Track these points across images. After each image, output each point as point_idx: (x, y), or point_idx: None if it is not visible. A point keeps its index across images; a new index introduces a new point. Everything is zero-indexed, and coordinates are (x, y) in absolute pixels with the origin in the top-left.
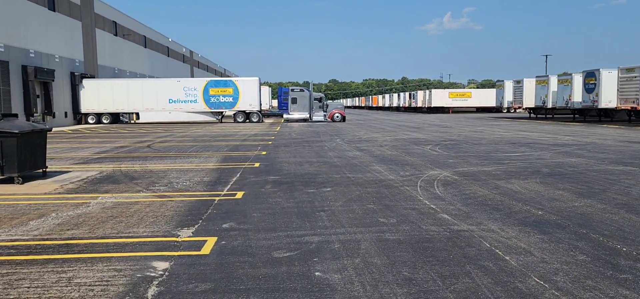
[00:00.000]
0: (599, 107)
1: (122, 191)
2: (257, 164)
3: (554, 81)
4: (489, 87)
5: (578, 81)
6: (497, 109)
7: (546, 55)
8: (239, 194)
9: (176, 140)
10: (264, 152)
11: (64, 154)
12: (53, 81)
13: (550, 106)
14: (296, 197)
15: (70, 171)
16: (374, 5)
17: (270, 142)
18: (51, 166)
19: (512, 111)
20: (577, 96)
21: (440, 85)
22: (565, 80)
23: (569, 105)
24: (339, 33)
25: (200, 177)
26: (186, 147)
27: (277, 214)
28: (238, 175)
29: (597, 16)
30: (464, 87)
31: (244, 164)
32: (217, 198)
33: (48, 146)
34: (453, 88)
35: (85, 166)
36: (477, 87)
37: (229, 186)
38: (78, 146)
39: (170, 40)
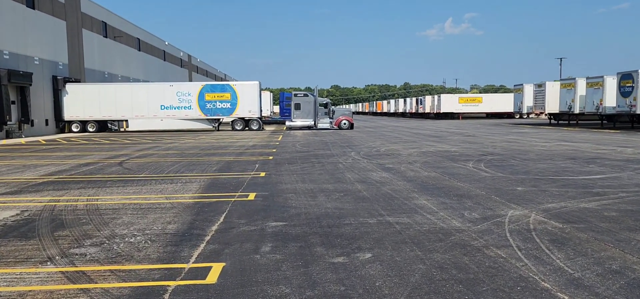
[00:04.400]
0: (638, 112)
1: (19, 260)
2: (251, 196)
3: (581, 84)
4: (492, 92)
5: (611, 83)
6: (508, 115)
7: (560, 59)
8: (215, 270)
9: (159, 154)
10: (262, 174)
11: (5, 175)
12: (30, 85)
13: (577, 111)
14: (316, 281)
15: None
16: (374, 11)
17: (270, 158)
18: None
19: (525, 116)
20: (610, 100)
21: (442, 90)
22: (595, 83)
23: (600, 110)
24: (340, 39)
25: (164, 224)
26: (166, 165)
27: None
28: (222, 218)
29: (600, 21)
30: (466, 93)
31: (234, 196)
32: (173, 285)
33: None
34: (456, 93)
35: (12, 198)
36: (480, 92)
37: (202, 246)
38: (33, 164)
39: (166, 43)
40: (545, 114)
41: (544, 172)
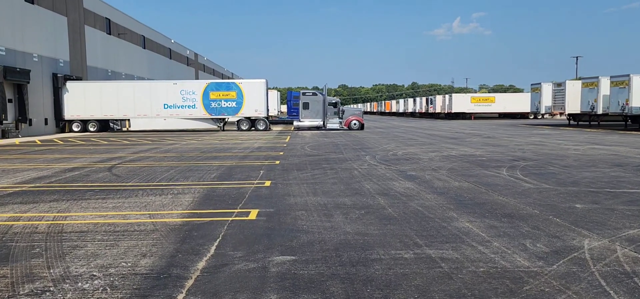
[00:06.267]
0: None
1: None
2: (253, 215)
3: (605, 83)
4: (501, 92)
5: (638, 82)
6: (522, 115)
7: (576, 57)
8: None
9: (155, 157)
10: (267, 183)
11: None
12: (28, 82)
13: (600, 111)
14: None
15: None
16: (382, 10)
17: (277, 162)
18: None
19: (540, 117)
20: (637, 100)
21: (451, 90)
22: (620, 82)
23: (626, 111)
24: (347, 38)
25: (137, 256)
26: (160, 171)
27: None
28: (213, 248)
29: (609, 20)
30: (475, 92)
31: (232, 214)
32: None
33: None
34: (465, 93)
35: None
36: (489, 92)
37: (180, 298)
38: (15, 168)
39: (172, 41)
40: (566, 115)
41: (595, 183)
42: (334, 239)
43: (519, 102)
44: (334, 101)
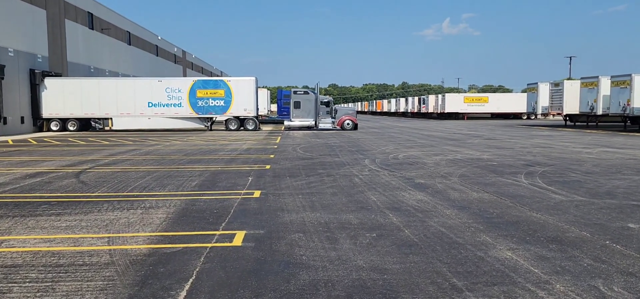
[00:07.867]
0: None
1: None
2: (238, 239)
3: (605, 83)
4: (490, 92)
5: None
6: (515, 116)
7: (570, 57)
8: None
9: (133, 160)
10: (256, 193)
11: None
12: (2, 78)
13: (600, 112)
14: None
15: None
16: (372, 10)
17: (267, 166)
18: None
19: (533, 117)
20: (639, 100)
21: (441, 90)
22: (621, 82)
23: (627, 111)
24: (338, 38)
25: None
26: (134, 177)
27: None
28: (183, 296)
29: (596, 22)
30: (464, 93)
31: (213, 237)
32: None
33: None
34: (455, 93)
35: None
36: (478, 92)
37: None
38: None
39: (159, 38)
40: (563, 115)
41: (634, 195)
42: (344, 278)
43: (513, 103)
44: (326, 100)
